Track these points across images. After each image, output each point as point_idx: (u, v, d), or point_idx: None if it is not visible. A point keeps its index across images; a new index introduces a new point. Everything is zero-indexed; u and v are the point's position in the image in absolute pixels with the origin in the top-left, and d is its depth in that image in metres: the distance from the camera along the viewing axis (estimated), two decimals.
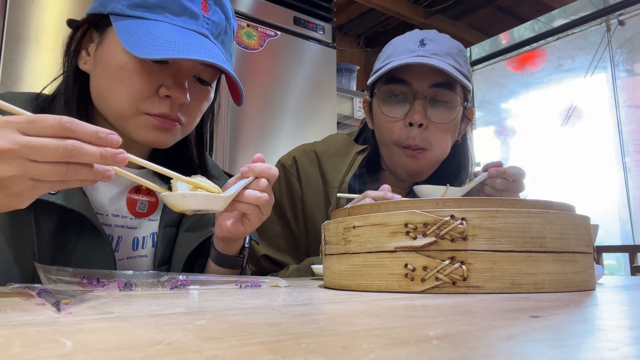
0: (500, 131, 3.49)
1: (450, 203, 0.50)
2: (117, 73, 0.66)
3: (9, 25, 1.55)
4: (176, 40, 0.64)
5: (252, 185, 0.68)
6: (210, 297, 0.47)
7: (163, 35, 0.64)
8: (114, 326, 0.28)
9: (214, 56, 0.65)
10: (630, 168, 2.77)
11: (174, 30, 0.66)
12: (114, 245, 0.74)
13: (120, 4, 0.67)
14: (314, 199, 1.02)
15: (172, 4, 0.67)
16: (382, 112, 0.96)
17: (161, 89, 0.67)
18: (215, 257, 0.76)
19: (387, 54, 0.99)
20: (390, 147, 0.98)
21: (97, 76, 0.69)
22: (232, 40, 0.76)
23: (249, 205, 0.67)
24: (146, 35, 0.63)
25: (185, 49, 0.63)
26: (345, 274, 0.55)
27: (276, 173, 0.70)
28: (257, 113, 2.06)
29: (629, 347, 0.22)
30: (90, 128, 0.45)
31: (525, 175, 0.91)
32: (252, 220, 0.69)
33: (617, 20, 2.85)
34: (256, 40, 2.08)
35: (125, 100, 0.67)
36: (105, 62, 0.68)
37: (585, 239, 0.53)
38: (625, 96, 2.83)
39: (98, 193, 0.74)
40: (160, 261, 0.77)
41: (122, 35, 0.64)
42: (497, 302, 0.40)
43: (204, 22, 0.69)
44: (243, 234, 0.72)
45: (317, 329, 0.27)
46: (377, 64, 1.01)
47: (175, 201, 0.60)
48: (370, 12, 3.72)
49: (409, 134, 0.94)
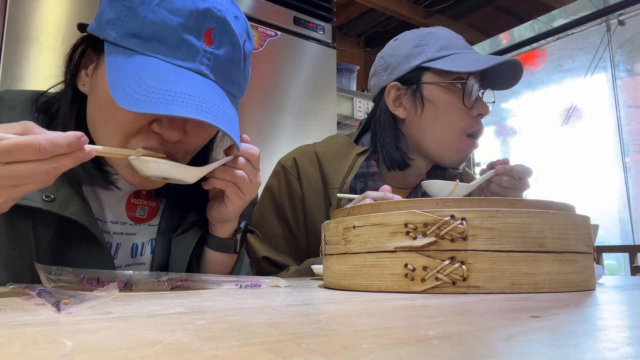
0: (500, 131, 3.49)
1: (450, 203, 0.50)
2: (109, 106, 0.62)
3: (9, 25, 1.55)
4: (165, 89, 0.58)
5: (229, 163, 0.68)
6: (210, 297, 0.47)
7: (152, 81, 0.58)
8: (114, 326, 0.28)
9: (204, 108, 0.58)
10: (630, 168, 2.77)
11: (166, 70, 0.60)
12: (113, 253, 0.74)
13: (115, 32, 0.62)
14: (314, 199, 1.02)
15: (170, 36, 0.61)
16: (462, 101, 0.98)
17: (153, 124, 0.63)
18: (209, 242, 0.77)
19: (441, 44, 1.00)
20: (454, 135, 1.00)
21: (91, 103, 0.66)
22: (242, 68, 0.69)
23: (226, 182, 0.68)
24: (134, 80, 0.58)
25: (173, 100, 0.57)
26: (345, 274, 0.55)
27: (256, 152, 0.70)
28: (257, 113, 2.06)
29: (629, 347, 0.22)
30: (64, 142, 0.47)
31: (532, 174, 0.93)
32: (233, 199, 0.70)
33: (617, 20, 2.85)
34: (256, 40, 2.08)
35: (117, 136, 0.63)
36: (98, 93, 0.64)
37: (585, 239, 0.53)
38: (625, 96, 2.83)
39: (97, 200, 0.73)
40: (157, 268, 0.77)
41: (110, 74, 0.59)
42: (497, 302, 0.40)
43: (203, 59, 0.63)
44: (228, 215, 0.72)
45: (317, 329, 0.27)
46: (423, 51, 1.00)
47: (139, 165, 0.62)
48: (370, 12, 3.72)
49: (476, 123, 1.01)
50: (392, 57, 1.04)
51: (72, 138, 0.47)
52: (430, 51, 1.00)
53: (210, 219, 0.76)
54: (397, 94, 1.02)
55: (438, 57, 0.98)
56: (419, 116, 1.00)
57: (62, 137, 0.47)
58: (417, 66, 0.99)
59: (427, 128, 1.00)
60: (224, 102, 0.64)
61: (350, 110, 2.85)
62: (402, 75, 1.01)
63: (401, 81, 1.01)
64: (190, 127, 0.66)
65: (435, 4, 3.54)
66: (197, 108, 0.58)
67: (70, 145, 0.47)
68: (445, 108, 0.98)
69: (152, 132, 0.64)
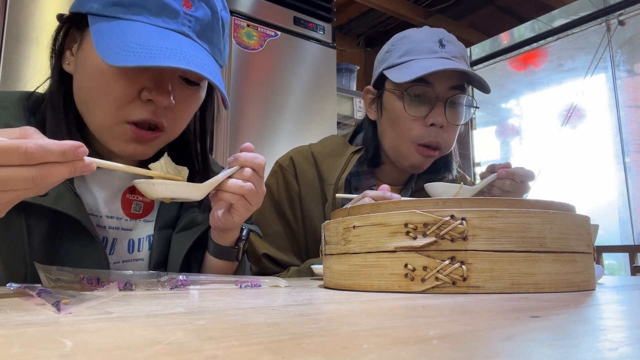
0: (501, 131, 3.49)
1: (450, 203, 0.50)
2: (97, 78, 0.64)
3: (9, 25, 1.55)
4: (152, 45, 0.60)
5: (236, 175, 0.67)
6: (210, 297, 0.47)
7: (138, 39, 0.60)
8: (114, 326, 0.28)
9: (191, 61, 0.61)
10: (631, 168, 2.77)
11: (151, 31, 0.62)
12: (109, 248, 0.73)
13: (97, 3, 0.64)
14: (311, 196, 1.05)
15: (150, 1, 0.63)
16: (405, 110, 0.98)
17: (143, 92, 0.64)
18: (211, 249, 0.76)
19: (405, 49, 1.00)
20: (403, 143, 1.00)
21: (78, 79, 0.67)
22: (222, 35, 0.72)
23: (233, 195, 0.67)
24: (120, 40, 0.60)
25: (160, 54, 0.59)
26: (345, 274, 0.55)
27: (262, 162, 0.69)
28: (257, 113, 2.06)
29: (629, 347, 0.22)
30: (56, 149, 0.44)
31: (534, 177, 0.93)
32: (239, 210, 0.69)
33: (617, 20, 2.85)
34: (256, 40, 2.08)
35: (107, 107, 0.64)
36: (84, 66, 0.65)
37: (585, 239, 0.53)
38: (625, 96, 2.83)
39: (91, 195, 0.73)
40: (155, 264, 0.76)
41: (97, 40, 0.61)
42: (497, 302, 0.40)
43: (185, 20, 0.65)
44: (233, 224, 0.72)
45: (317, 329, 0.27)
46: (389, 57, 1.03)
47: (145, 189, 0.61)
48: (370, 12, 3.72)
49: (429, 133, 0.98)
50: (375, 61, 1.09)
51: (67, 146, 0.45)
52: (393, 57, 1.02)
53: (213, 226, 0.74)
54: (371, 97, 1.08)
55: (396, 63, 1.00)
56: (380, 120, 1.05)
57: (55, 144, 0.45)
58: (380, 72, 1.03)
59: (384, 133, 1.05)
60: (209, 59, 0.66)
61: (350, 110, 2.85)
62: (375, 80, 1.07)
63: (374, 85, 1.07)
64: (178, 95, 0.68)
65: (435, 4, 3.54)
66: (185, 60, 0.60)
67: (64, 153, 0.45)
68: (397, 116, 1.00)
69: (142, 103, 0.65)
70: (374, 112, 1.07)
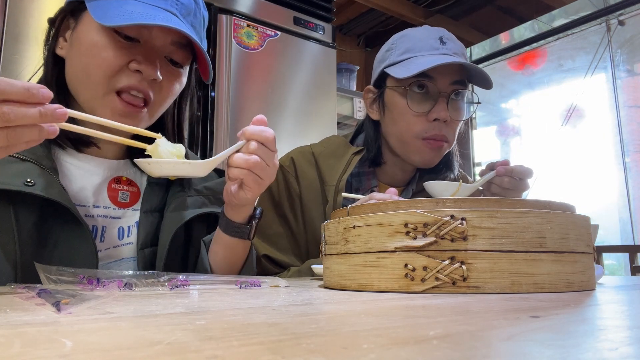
0: (501, 131, 3.49)
1: (450, 203, 0.50)
2: (90, 50, 0.69)
3: (9, 25, 1.55)
4: (145, 12, 0.68)
5: (242, 149, 0.68)
6: (210, 297, 0.47)
7: (133, 9, 0.68)
8: (114, 326, 0.28)
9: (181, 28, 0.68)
10: (631, 168, 2.77)
11: (144, 6, 0.70)
12: (99, 236, 0.75)
13: None
14: (312, 198, 1.04)
15: None
16: (408, 106, 0.98)
17: (132, 63, 0.70)
18: (223, 225, 0.76)
19: (405, 47, 1.01)
20: (410, 138, 1.01)
21: (72, 57, 0.72)
22: (202, 27, 0.79)
23: (240, 170, 0.67)
24: (116, 9, 0.68)
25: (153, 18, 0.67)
26: (345, 274, 0.55)
27: (270, 135, 0.68)
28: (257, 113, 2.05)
29: (629, 347, 0.22)
30: (19, 85, 0.45)
31: (532, 174, 0.94)
32: (250, 185, 0.69)
33: (617, 20, 2.85)
34: (256, 40, 2.08)
35: (97, 77, 0.69)
36: (79, 42, 0.71)
37: (585, 239, 0.53)
38: (625, 96, 2.83)
39: (77, 185, 0.75)
40: (143, 244, 0.77)
41: (94, 10, 0.68)
42: (497, 302, 0.40)
43: (172, 2, 0.72)
44: (246, 200, 0.72)
45: (317, 329, 0.27)
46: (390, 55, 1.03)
47: (143, 167, 0.65)
48: (370, 12, 3.71)
49: (433, 127, 0.98)
50: (375, 61, 1.09)
51: (31, 84, 0.45)
52: (393, 55, 1.02)
53: (227, 202, 0.75)
54: (372, 97, 1.08)
55: (398, 61, 1.01)
56: (384, 119, 1.05)
57: (19, 82, 0.45)
58: (381, 71, 1.03)
59: (389, 131, 1.05)
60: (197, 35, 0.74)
61: (350, 110, 2.84)
62: (375, 79, 1.07)
63: (374, 85, 1.07)
64: (164, 73, 0.73)
65: (435, 4, 3.54)
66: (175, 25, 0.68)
67: (28, 90, 0.45)
68: (400, 113, 1.00)
69: (130, 72, 0.70)
70: (375, 112, 1.07)
